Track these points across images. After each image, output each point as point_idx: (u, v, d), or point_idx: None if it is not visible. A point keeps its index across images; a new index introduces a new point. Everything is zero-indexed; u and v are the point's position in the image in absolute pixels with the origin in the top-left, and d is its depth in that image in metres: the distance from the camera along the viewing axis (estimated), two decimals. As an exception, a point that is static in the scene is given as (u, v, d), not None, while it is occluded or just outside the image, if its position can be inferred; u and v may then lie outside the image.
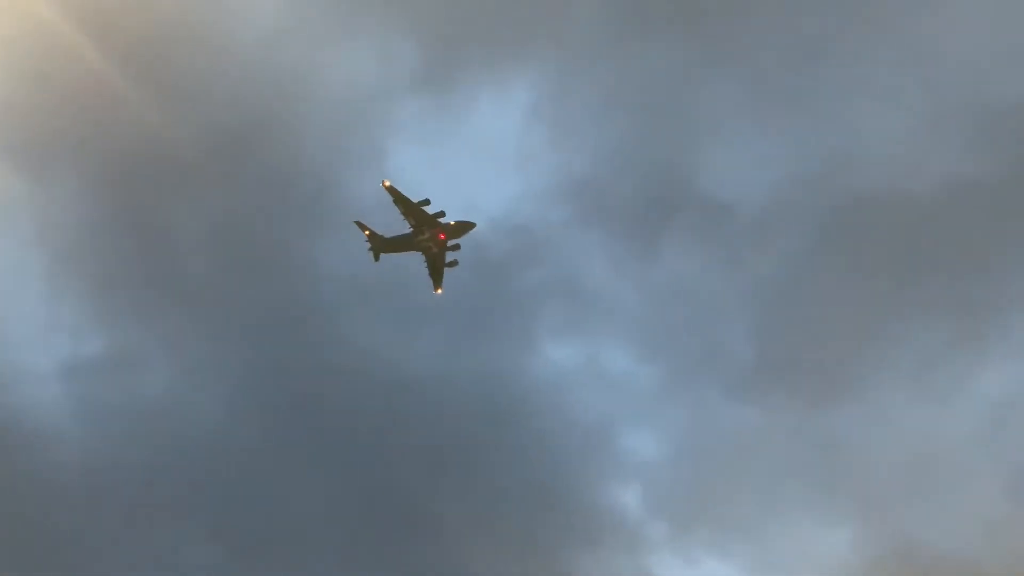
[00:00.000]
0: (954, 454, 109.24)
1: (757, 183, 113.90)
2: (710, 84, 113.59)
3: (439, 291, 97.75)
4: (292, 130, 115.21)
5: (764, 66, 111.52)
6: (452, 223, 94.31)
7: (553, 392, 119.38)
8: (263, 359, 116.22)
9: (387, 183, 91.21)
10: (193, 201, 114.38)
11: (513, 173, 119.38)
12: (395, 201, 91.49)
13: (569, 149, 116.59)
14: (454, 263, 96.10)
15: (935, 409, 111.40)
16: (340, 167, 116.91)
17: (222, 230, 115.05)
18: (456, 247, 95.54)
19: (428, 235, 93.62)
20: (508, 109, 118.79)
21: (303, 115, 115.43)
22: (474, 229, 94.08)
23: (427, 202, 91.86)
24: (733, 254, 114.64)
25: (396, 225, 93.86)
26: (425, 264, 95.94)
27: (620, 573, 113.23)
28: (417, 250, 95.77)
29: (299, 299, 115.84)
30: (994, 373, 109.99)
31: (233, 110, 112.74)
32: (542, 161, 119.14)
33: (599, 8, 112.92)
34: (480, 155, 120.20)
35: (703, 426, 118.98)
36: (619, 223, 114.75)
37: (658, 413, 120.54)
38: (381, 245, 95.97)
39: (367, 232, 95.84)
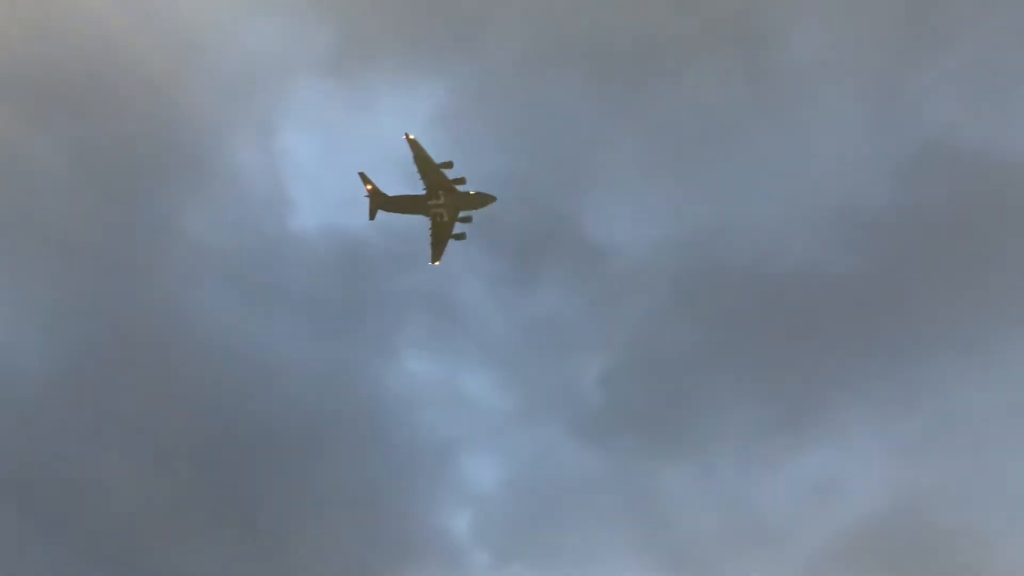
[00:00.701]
0: (769, 522, 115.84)
1: (635, 236, 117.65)
2: (610, 135, 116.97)
3: (437, 263, 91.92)
4: (181, 88, 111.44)
5: (663, 129, 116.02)
6: (472, 192, 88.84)
7: (403, 403, 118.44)
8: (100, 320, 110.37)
9: (411, 136, 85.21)
10: (52, 129, 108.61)
11: (403, 177, 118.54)
12: (414, 158, 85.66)
13: (463, 166, 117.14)
14: (462, 236, 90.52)
15: (759, 479, 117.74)
16: (225, 135, 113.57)
17: (82, 164, 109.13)
18: (468, 219, 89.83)
19: (443, 200, 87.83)
20: (410, 114, 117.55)
21: (196, 75, 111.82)
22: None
23: (450, 164, 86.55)
24: (602, 300, 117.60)
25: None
26: (429, 231, 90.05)
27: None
28: (424, 215, 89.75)
29: (158, 261, 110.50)
30: (814, 455, 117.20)
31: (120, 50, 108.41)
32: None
33: (521, 39, 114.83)
34: (372, 153, 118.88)
35: (544, 462, 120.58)
36: (500, 249, 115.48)
37: (504, 442, 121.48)
38: (383, 202, 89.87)
39: (369, 187, 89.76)
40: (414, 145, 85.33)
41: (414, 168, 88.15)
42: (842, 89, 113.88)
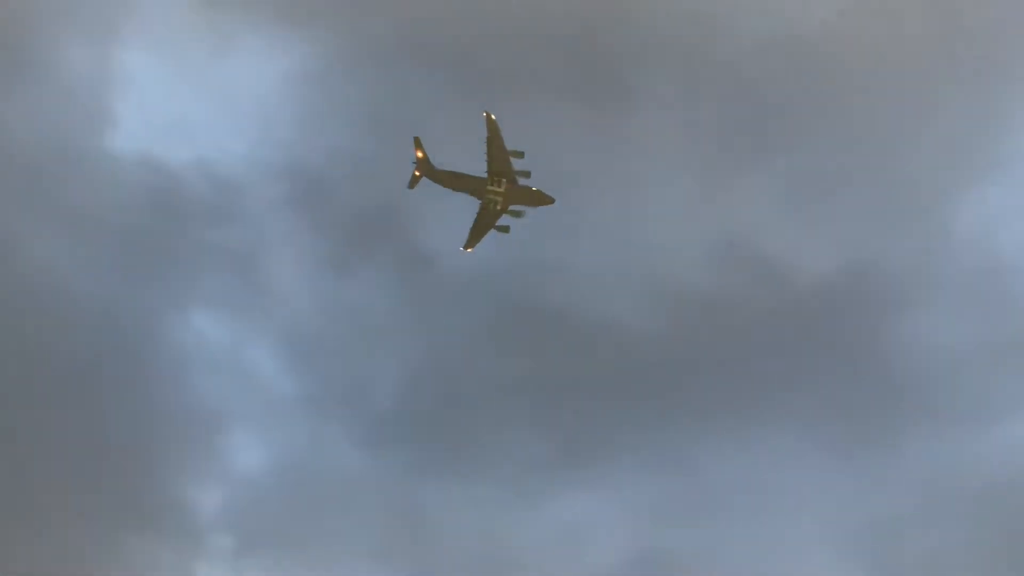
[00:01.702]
0: (514, 554, 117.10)
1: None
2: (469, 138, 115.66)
3: (470, 250, 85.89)
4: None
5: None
6: (534, 188, 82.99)
7: (180, 362, 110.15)
8: None
9: (491, 116, 78.80)
10: None
11: (246, 131, 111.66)
12: (488, 137, 79.17)
13: (313, 134, 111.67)
14: (506, 228, 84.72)
15: (517, 512, 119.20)
16: (56, 27, 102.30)
17: None
18: (520, 214, 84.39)
19: (503, 189, 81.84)
20: (266, 64, 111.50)
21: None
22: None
23: (520, 154, 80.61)
24: (419, 306, 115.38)
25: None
26: (477, 214, 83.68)
27: (158, 567, 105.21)
28: (476, 197, 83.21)
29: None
30: (574, 498, 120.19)
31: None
32: (279, 134, 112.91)
33: (400, 26, 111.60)
34: (221, 100, 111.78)
35: (314, 456, 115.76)
36: (328, 228, 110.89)
37: (279, 427, 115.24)
38: (432, 173, 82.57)
39: (420, 153, 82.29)
40: (492, 125, 79.31)
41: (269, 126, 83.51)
42: (677, 177, 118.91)
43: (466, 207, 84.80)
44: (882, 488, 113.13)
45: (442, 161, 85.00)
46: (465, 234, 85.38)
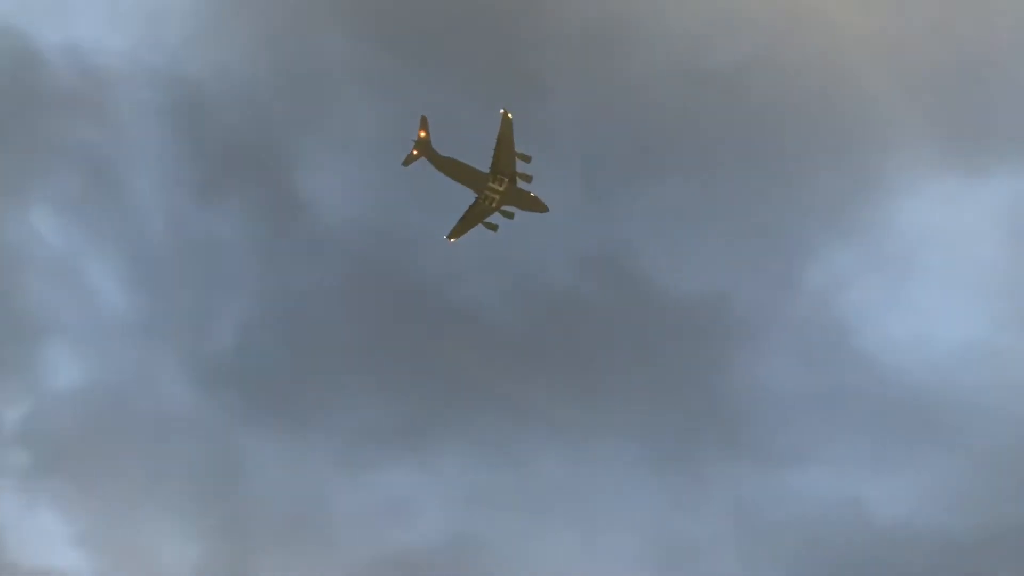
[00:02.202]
0: (330, 521, 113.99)
1: (343, 202, 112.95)
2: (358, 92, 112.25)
3: (453, 240, 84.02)
4: None
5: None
6: (531, 194, 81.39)
7: (9, 258, 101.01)
8: None
9: (509, 114, 76.99)
10: None
11: (130, 26, 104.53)
12: (500, 136, 77.11)
13: (204, 45, 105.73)
14: (495, 227, 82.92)
15: (342, 478, 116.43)
16: None
17: None
18: (510, 215, 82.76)
19: (503, 188, 79.86)
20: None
21: None
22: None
23: (527, 158, 78.69)
24: (283, 251, 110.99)
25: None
26: (469, 207, 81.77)
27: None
28: (473, 190, 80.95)
29: None
30: (403, 471, 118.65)
31: None
32: (166, 36, 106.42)
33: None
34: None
35: (137, 385, 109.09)
36: (199, 150, 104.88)
37: (105, 349, 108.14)
38: (433, 156, 79.56)
39: (423, 133, 78.80)
40: (507, 124, 77.34)
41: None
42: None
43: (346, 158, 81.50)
44: (687, 511, 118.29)
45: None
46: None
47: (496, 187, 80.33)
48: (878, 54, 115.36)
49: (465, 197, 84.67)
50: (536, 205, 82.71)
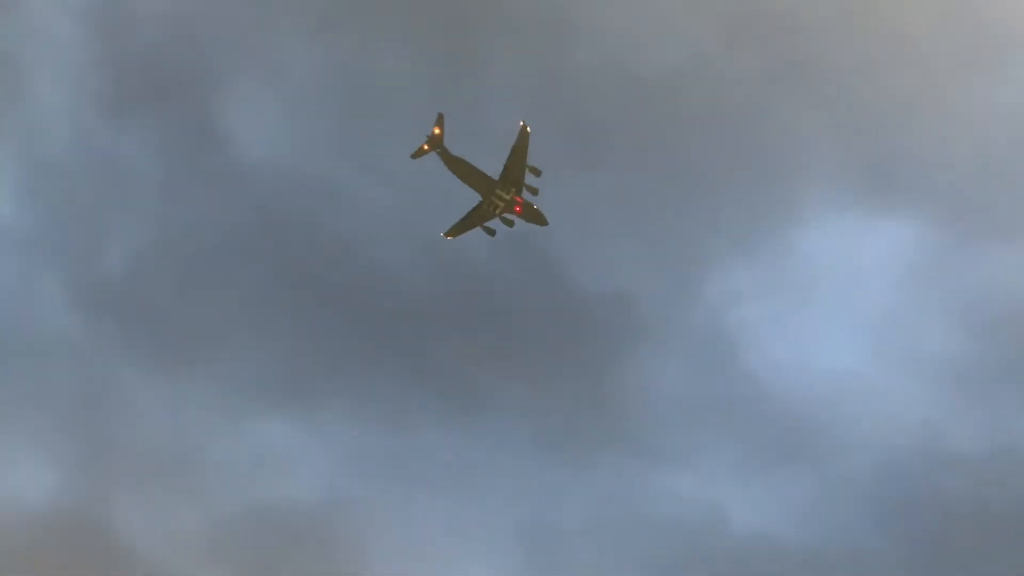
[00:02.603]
0: (208, 473, 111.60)
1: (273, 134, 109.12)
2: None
3: (450, 237, 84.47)
4: None
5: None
6: (534, 206, 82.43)
7: None
8: None
9: (528, 128, 78.15)
10: None
11: None
12: (516, 146, 78.29)
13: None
14: (492, 232, 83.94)
15: (219, 427, 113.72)
16: None
17: None
18: (511, 223, 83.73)
19: (508, 197, 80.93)
20: None
21: None
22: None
23: (537, 172, 79.80)
24: (190, 179, 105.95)
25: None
26: (472, 209, 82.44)
27: None
28: (480, 194, 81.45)
29: None
30: (273, 423, 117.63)
31: None
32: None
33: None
34: None
35: (11, 299, 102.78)
36: (120, 56, 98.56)
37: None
38: (445, 154, 79.27)
39: (438, 130, 77.88)
40: (525, 136, 78.37)
41: None
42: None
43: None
44: (561, 494, 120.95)
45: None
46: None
47: (503, 195, 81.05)
48: (806, 84, 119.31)
49: (399, 162, 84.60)
50: (537, 218, 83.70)
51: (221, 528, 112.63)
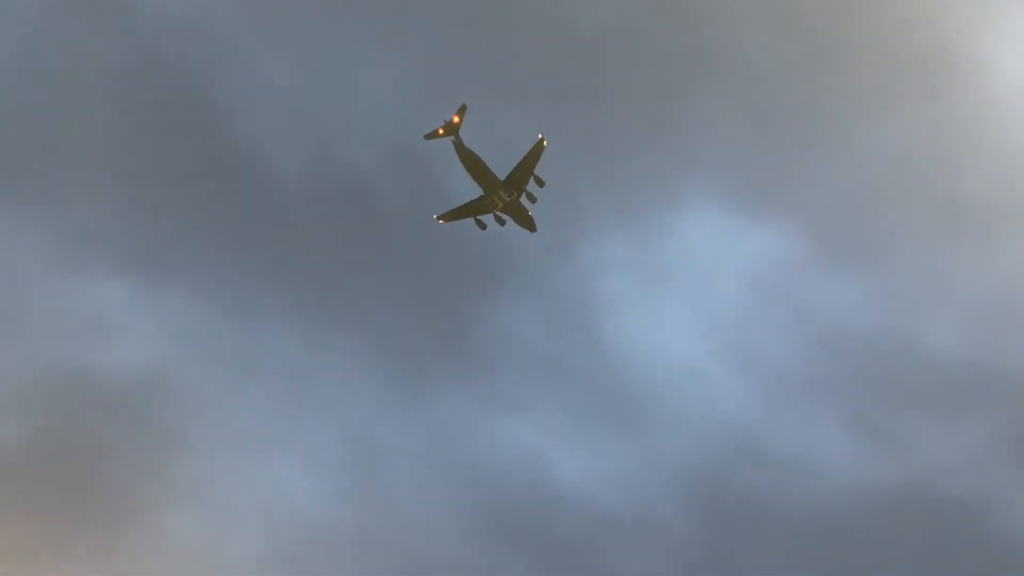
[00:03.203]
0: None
1: None
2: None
3: (442, 221, 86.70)
4: None
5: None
6: (529, 213, 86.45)
7: None
8: None
9: (544, 141, 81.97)
10: None
11: None
12: (529, 156, 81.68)
13: None
14: (484, 225, 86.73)
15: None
16: None
17: None
18: (502, 222, 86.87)
19: (508, 198, 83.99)
20: None
21: None
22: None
23: (541, 182, 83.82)
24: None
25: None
26: (472, 201, 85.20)
27: None
28: (484, 190, 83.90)
29: None
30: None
31: None
32: None
33: None
34: None
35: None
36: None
37: None
38: (459, 145, 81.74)
39: (457, 119, 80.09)
40: (539, 148, 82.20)
41: None
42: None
43: None
44: (394, 421, 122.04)
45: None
46: None
47: (504, 196, 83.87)
48: (725, 77, 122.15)
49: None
50: (528, 223, 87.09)
51: (26, 380, 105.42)
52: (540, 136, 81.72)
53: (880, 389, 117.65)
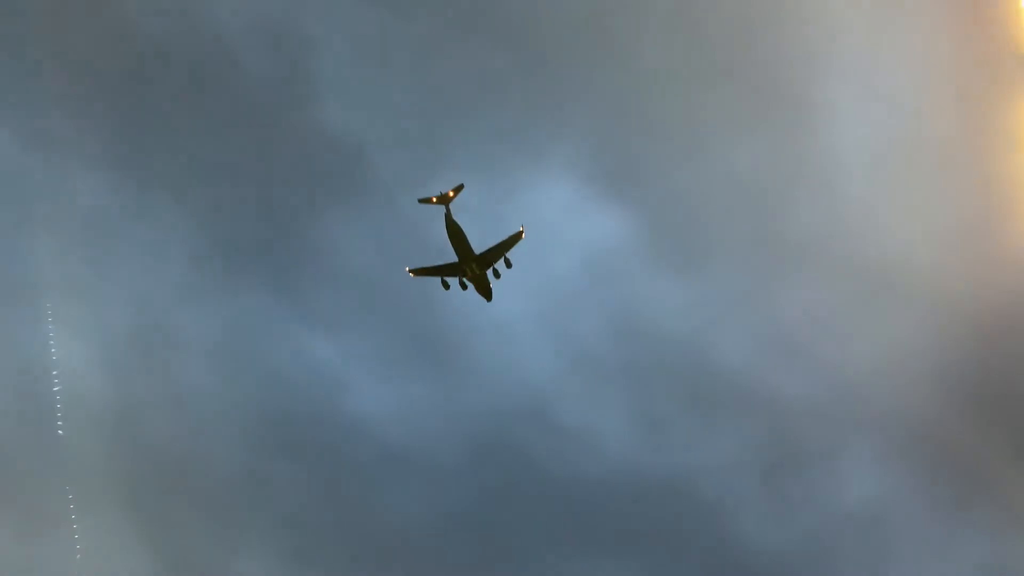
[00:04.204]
0: None
1: None
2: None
3: (412, 274, 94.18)
4: None
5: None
6: (490, 285, 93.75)
7: None
8: None
9: (523, 234, 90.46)
10: None
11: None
12: (505, 242, 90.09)
13: None
14: (447, 286, 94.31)
15: None
16: None
17: None
18: (464, 287, 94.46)
19: (478, 271, 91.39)
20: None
21: None
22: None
23: (510, 264, 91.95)
24: None
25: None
26: (445, 264, 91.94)
27: None
28: (458, 258, 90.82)
29: None
30: None
31: None
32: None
33: None
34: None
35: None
36: None
37: None
38: (448, 216, 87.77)
39: (452, 194, 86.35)
40: (517, 238, 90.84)
41: None
42: None
43: None
44: (199, 314, 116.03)
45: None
46: None
47: (475, 268, 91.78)
48: (615, 52, 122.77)
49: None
50: (485, 292, 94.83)
51: None
52: (521, 228, 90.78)
53: (670, 387, 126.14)
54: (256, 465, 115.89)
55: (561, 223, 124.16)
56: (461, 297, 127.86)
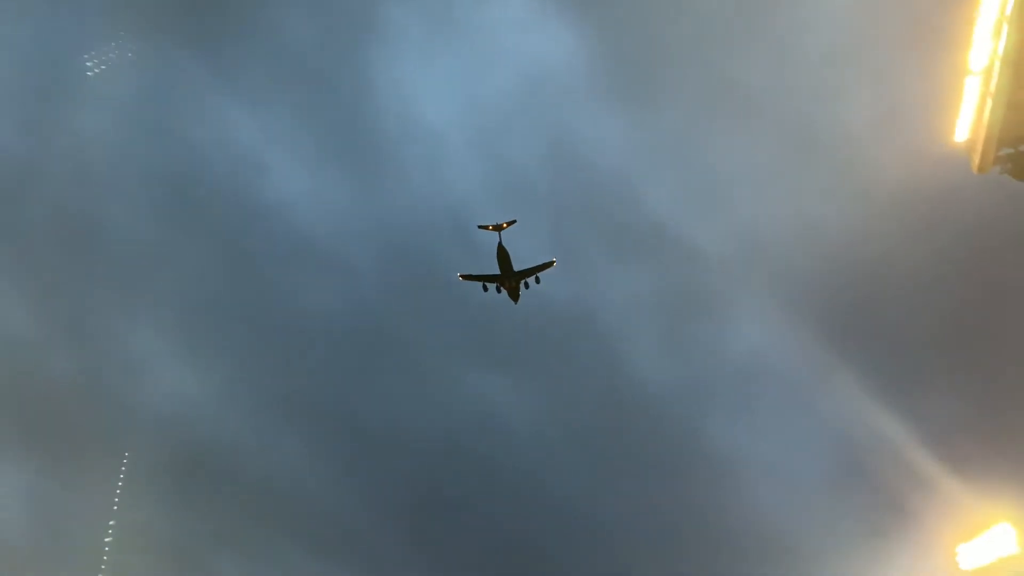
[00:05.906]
0: None
1: None
2: None
3: (462, 279, 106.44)
4: None
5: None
6: (519, 293, 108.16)
7: None
8: None
9: (555, 264, 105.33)
10: None
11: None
12: (537, 267, 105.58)
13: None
14: (487, 289, 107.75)
15: None
16: None
17: None
18: (499, 291, 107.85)
19: (514, 285, 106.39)
20: None
21: None
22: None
23: (539, 281, 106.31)
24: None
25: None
26: (490, 275, 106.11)
27: None
28: (500, 272, 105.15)
29: None
30: None
31: None
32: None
33: None
34: None
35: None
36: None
37: None
38: (500, 242, 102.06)
39: (505, 226, 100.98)
40: (547, 266, 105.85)
41: None
42: None
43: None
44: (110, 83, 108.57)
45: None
46: None
47: (511, 282, 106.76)
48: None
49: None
50: (515, 297, 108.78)
51: None
52: (553, 260, 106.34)
53: (591, 220, 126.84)
54: (162, 234, 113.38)
55: (507, 37, 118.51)
56: (400, 94, 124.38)
